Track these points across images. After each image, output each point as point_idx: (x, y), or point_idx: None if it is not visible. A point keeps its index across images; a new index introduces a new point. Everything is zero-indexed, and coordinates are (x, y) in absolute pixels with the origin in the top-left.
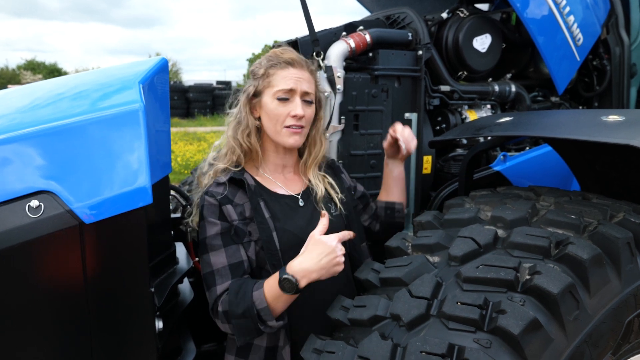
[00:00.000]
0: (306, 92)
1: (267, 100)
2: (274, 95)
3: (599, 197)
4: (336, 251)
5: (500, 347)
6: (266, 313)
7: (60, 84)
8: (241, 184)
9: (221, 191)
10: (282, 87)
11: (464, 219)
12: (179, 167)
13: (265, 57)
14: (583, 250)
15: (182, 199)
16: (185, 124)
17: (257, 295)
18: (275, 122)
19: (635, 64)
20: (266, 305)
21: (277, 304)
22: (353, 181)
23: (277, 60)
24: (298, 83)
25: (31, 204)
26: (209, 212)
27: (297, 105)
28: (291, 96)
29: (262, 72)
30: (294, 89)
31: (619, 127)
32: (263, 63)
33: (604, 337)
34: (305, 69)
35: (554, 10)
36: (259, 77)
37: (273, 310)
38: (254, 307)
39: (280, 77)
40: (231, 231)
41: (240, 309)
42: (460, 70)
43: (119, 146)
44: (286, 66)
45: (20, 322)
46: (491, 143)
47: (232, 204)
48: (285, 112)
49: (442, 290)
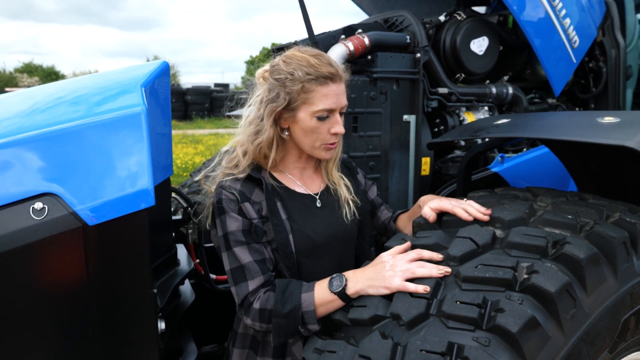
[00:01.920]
0: (344, 105)
1: (303, 117)
2: (313, 113)
3: (595, 198)
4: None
5: (499, 345)
6: (311, 317)
7: (62, 87)
8: (258, 182)
9: (239, 188)
10: (324, 107)
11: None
12: (177, 169)
13: (298, 67)
14: (580, 249)
15: (183, 201)
16: (183, 126)
17: (306, 298)
18: (315, 139)
19: (630, 66)
20: (313, 309)
21: (324, 309)
22: (368, 184)
23: (316, 74)
24: (339, 100)
25: (35, 206)
26: (229, 206)
27: (338, 123)
28: (331, 114)
29: (299, 87)
30: (336, 108)
31: (614, 128)
32: (298, 75)
33: (601, 335)
34: (342, 82)
35: (550, 13)
36: (294, 92)
37: (318, 315)
38: (300, 309)
39: (320, 94)
40: (252, 229)
41: (286, 309)
42: (458, 73)
43: (122, 149)
44: (326, 82)
45: (24, 323)
46: (489, 145)
47: (249, 201)
48: (325, 130)
49: (441, 290)
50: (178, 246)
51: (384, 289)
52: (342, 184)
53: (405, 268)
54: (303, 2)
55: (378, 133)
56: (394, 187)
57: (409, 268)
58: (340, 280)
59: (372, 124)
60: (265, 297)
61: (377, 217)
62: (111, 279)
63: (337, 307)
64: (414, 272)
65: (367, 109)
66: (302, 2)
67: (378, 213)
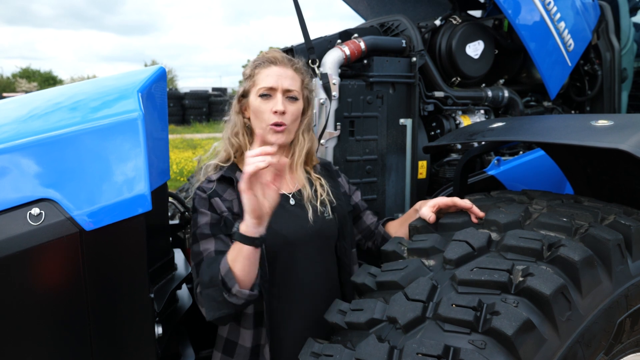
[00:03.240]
0: (288, 89)
1: (252, 99)
2: (257, 93)
3: (590, 200)
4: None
5: (495, 348)
6: (230, 277)
7: (59, 93)
8: (230, 182)
9: (211, 187)
10: (264, 84)
11: (458, 222)
12: (174, 174)
13: (254, 60)
14: (575, 252)
15: (179, 206)
16: (181, 130)
17: (223, 261)
18: (260, 119)
19: (625, 68)
20: (228, 267)
21: (238, 263)
22: (351, 189)
23: (261, 60)
24: (279, 80)
25: (32, 212)
26: (199, 204)
27: (278, 102)
28: (273, 93)
29: (249, 72)
30: (275, 87)
31: (607, 131)
32: (250, 64)
33: (596, 337)
34: (288, 67)
35: (544, 17)
36: (246, 78)
37: (235, 272)
38: (219, 273)
39: (263, 75)
40: (221, 222)
41: (208, 277)
42: (454, 77)
43: (119, 154)
44: (269, 65)
45: (21, 329)
46: (485, 148)
47: (220, 198)
48: (267, 109)
49: (437, 293)
50: (175, 251)
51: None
52: (318, 183)
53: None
54: (299, 7)
55: (375, 137)
56: (390, 190)
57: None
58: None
59: (368, 128)
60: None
61: (362, 220)
62: (108, 283)
63: (249, 256)
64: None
65: (363, 113)
66: (298, 7)
67: (363, 217)
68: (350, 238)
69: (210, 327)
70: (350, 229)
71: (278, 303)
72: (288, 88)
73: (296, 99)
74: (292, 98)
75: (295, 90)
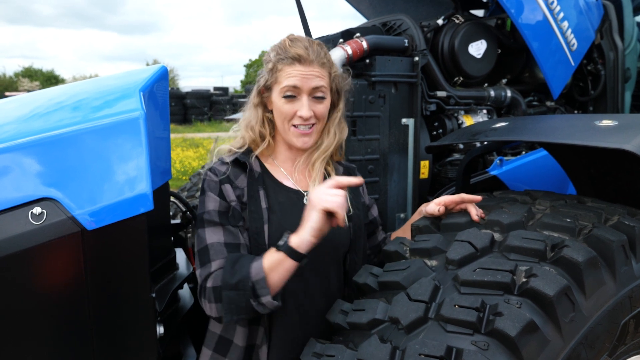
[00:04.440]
0: (315, 87)
1: (275, 97)
2: (280, 92)
3: (593, 201)
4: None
5: (498, 349)
6: (262, 285)
7: (61, 92)
8: (244, 167)
9: (224, 170)
10: (287, 84)
11: (461, 223)
12: (176, 173)
13: (275, 48)
14: (578, 253)
15: (181, 205)
16: (183, 130)
17: (256, 266)
18: (283, 119)
19: (629, 68)
20: (263, 276)
21: (276, 274)
22: (370, 202)
23: (285, 54)
24: (304, 81)
25: (34, 211)
26: (209, 187)
27: (304, 106)
28: (298, 94)
29: (271, 66)
30: (300, 87)
31: (611, 131)
32: (272, 56)
33: (600, 338)
34: (314, 64)
35: (548, 16)
36: (269, 71)
37: (270, 282)
38: (250, 279)
39: (286, 73)
40: (229, 212)
41: (234, 279)
42: (456, 76)
43: (120, 153)
44: (292, 62)
45: (22, 328)
46: (487, 148)
47: (232, 184)
48: (292, 111)
49: (440, 294)
50: (177, 250)
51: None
52: None
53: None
54: (301, 6)
55: (377, 136)
56: (392, 190)
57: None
58: (284, 238)
59: (370, 128)
60: (218, 274)
61: (375, 236)
62: (110, 283)
63: (290, 270)
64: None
65: (365, 113)
66: (300, 6)
67: (377, 233)
68: (362, 252)
69: None
70: (363, 243)
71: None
72: (315, 86)
73: (323, 98)
74: (319, 97)
75: (323, 86)
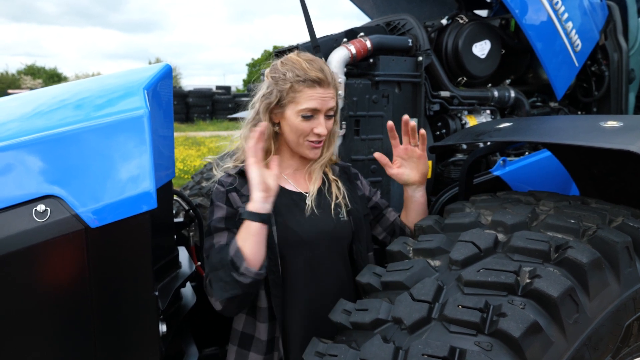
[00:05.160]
0: (331, 108)
1: (290, 114)
2: (298, 112)
3: (598, 202)
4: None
5: (501, 350)
6: (238, 256)
7: (64, 90)
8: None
9: (230, 181)
10: (308, 106)
11: (464, 223)
12: (179, 172)
13: (291, 68)
14: (582, 254)
15: (184, 204)
16: (185, 128)
17: (232, 244)
18: (298, 136)
19: (633, 69)
20: (237, 247)
21: (247, 242)
22: (372, 191)
23: (305, 77)
24: (324, 103)
25: (38, 209)
26: (217, 197)
27: (321, 124)
28: (316, 114)
29: (288, 86)
30: (320, 109)
31: (617, 132)
32: (289, 76)
33: (604, 340)
34: (330, 87)
35: (552, 17)
36: (284, 90)
37: (244, 251)
38: (228, 254)
39: (306, 95)
40: (236, 217)
41: (217, 259)
42: (460, 76)
43: (124, 151)
44: (313, 85)
45: (25, 325)
46: (491, 148)
47: (238, 192)
48: (309, 129)
49: (443, 294)
50: (180, 249)
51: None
52: (334, 185)
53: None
54: (305, 5)
55: (380, 136)
56: (395, 190)
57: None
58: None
59: (374, 127)
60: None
61: (385, 217)
62: (113, 281)
63: (258, 233)
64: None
65: (369, 112)
66: (304, 5)
67: (386, 214)
68: (366, 241)
69: (214, 325)
70: (367, 233)
71: (290, 298)
72: (331, 107)
73: (333, 115)
74: (331, 115)
75: (335, 106)
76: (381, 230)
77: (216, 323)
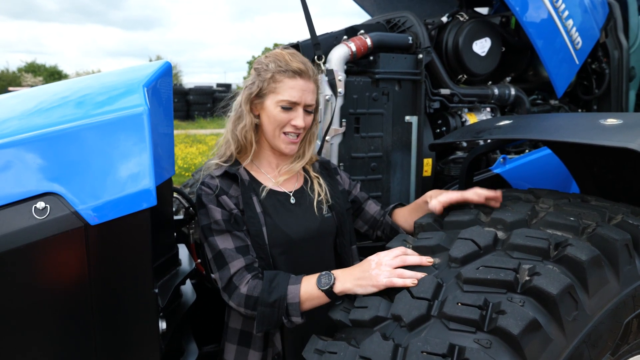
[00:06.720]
0: (309, 104)
1: (269, 105)
2: (278, 102)
3: (597, 200)
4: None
5: (500, 347)
6: (295, 309)
7: (64, 87)
8: (235, 178)
9: (216, 184)
10: (288, 98)
11: (464, 220)
12: (179, 169)
13: (273, 59)
14: (582, 251)
15: (184, 201)
16: (186, 126)
17: (292, 290)
18: (275, 127)
19: (634, 67)
20: (298, 302)
21: (309, 304)
22: (352, 185)
23: (286, 67)
24: (304, 95)
25: (37, 206)
26: (209, 200)
27: (299, 117)
28: (294, 107)
29: (269, 76)
30: (299, 102)
31: (616, 130)
32: (271, 66)
33: (603, 337)
34: (311, 80)
35: (552, 14)
36: (264, 80)
37: (303, 308)
38: (285, 300)
39: (287, 86)
40: (231, 219)
41: (271, 298)
42: (460, 74)
43: (124, 149)
44: (294, 76)
45: (25, 322)
46: (491, 146)
47: (227, 195)
48: (287, 120)
49: (442, 291)
50: (179, 246)
51: (372, 287)
52: (316, 182)
53: (390, 264)
54: (305, 3)
55: (380, 134)
56: (395, 188)
57: (392, 263)
58: (328, 278)
59: (374, 125)
60: (254, 284)
61: (365, 211)
62: (113, 278)
63: (322, 304)
64: (401, 271)
65: (369, 110)
66: (304, 3)
67: (365, 207)
68: (349, 235)
69: (214, 322)
70: (349, 227)
71: None
72: (310, 103)
73: (312, 112)
74: (310, 111)
75: (314, 103)
76: (362, 223)
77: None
